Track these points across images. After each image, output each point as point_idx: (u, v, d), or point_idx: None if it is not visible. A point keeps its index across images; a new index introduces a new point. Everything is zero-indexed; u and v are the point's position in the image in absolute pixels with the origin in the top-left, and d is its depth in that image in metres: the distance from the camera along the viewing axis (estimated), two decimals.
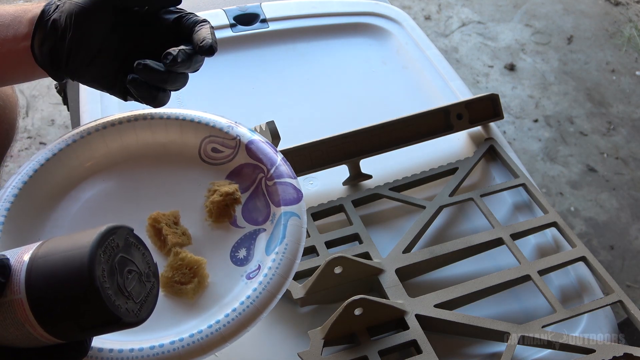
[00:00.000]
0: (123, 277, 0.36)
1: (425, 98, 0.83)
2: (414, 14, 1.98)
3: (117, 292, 0.35)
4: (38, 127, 1.53)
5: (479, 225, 0.69)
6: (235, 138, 0.58)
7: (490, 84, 1.77)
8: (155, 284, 0.39)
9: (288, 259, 0.50)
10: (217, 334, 0.46)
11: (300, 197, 0.54)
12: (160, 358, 0.44)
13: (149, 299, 0.38)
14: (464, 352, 0.59)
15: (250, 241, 0.54)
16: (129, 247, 0.38)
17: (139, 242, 0.39)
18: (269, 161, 0.56)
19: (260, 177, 0.57)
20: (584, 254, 0.63)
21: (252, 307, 0.47)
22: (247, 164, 0.57)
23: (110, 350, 0.44)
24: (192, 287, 0.50)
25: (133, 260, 0.38)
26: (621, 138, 1.65)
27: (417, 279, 0.63)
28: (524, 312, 0.62)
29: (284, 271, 0.49)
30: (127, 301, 0.36)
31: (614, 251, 1.39)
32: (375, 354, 0.53)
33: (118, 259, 0.36)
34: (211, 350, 0.45)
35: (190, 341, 0.45)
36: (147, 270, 0.39)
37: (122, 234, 0.37)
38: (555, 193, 1.50)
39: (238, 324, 0.46)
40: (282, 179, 0.55)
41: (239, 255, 0.53)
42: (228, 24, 0.87)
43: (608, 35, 1.97)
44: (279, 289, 0.48)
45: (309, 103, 0.82)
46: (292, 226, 0.52)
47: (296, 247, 0.51)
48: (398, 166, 0.73)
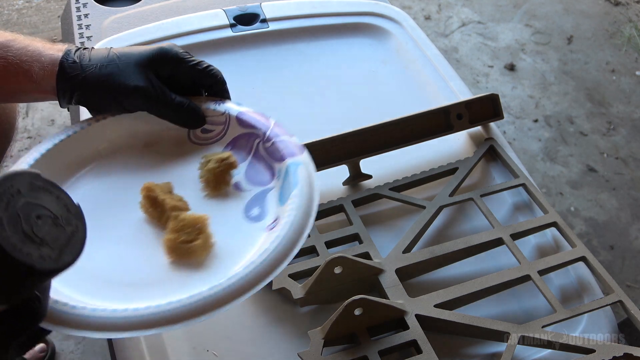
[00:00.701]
0: (30, 224, 0.34)
1: (425, 98, 0.83)
2: (414, 14, 1.98)
3: (23, 240, 0.33)
4: (38, 127, 1.53)
5: (479, 225, 0.69)
6: (224, 113, 0.57)
7: (490, 84, 1.77)
8: (79, 227, 0.37)
9: (307, 199, 0.49)
10: (256, 271, 0.44)
11: (302, 150, 0.54)
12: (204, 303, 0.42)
13: (72, 243, 0.36)
14: (464, 352, 0.59)
15: (262, 200, 0.53)
16: (36, 192, 0.35)
17: (50, 186, 0.37)
18: (263, 125, 0.56)
19: (256, 143, 0.56)
20: (584, 254, 0.63)
21: (284, 243, 0.46)
22: (241, 135, 0.57)
23: (125, 309, 0.42)
24: (200, 243, 0.48)
25: (43, 204, 0.35)
26: (621, 138, 1.65)
27: (417, 279, 0.63)
28: (524, 312, 0.62)
29: (307, 208, 0.49)
30: (39, 247, 0.34)
31: (614, 251, 1.39)
32: (375, 354, 0.53)
33: (21, 205, 0.34)
34: (252, 289, 0.44)
35: (229, 283, 0.43)
36: (66, 214, 0.37)
37: (23, 180, 0.35)
38: (555, 193, 1.50)
39: (273, 261, 0.45)
40: (279, 137, 0.55)
41: (252, 213, 0.52)
42: (228, 24, 0.87)
43: (608, 35, 1.97)
44: (305, 226, 0.48)
45: (309, 103, 0.82)
46: (302, 172, 0.52)
47: (311, 190, 0.51)
48: (398, 166, 0.73)
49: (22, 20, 1.91)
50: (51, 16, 1.93)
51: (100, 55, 0.54)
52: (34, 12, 1.94)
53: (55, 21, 1.91)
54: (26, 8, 1.95)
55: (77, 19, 0.91)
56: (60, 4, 1.96)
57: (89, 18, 0.91)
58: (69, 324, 0.41)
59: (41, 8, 1.95)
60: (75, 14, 0.92)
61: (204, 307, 0.42)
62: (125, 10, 0.92)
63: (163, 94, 0.54)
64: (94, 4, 0.93)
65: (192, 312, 0.42)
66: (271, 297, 0.60)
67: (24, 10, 1.95)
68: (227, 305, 0.43)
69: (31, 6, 1.96)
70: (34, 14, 1.93)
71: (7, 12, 1.94)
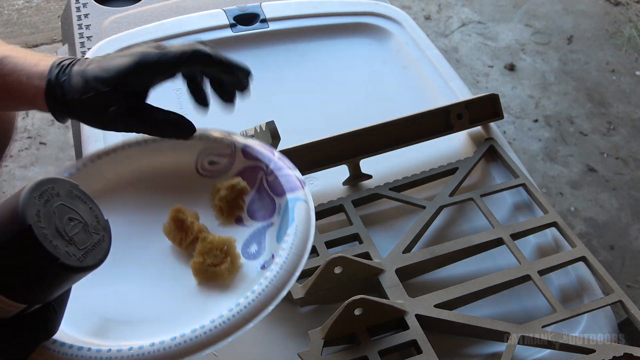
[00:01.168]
0: (63, 223, 0.36)
1: (425, 98, 0.83)
2: (414, 14, 1.98)
3: (55, 234, 0.35)
4: (38, 127, 1.53)
5: (479, 225, 0.69)
6: (230, 145, 0.58)
7: (490, 84, 1.77)
8: (105, 238, 0.39)
9: (301, 239, 0.50)
10: (239, 316, 0.45)
11: (303, 184, 0.54)
12: (186, 346, 0.43)
13: (97, 250, 0.38)
14: (464, 352, 0.59)
15: (260, 236, 0.54)
16: (72, 199, 0.38)
17: (85, 197, 0.40)
18: (266, 157, 0.57)
19: (260, 176, 0.57)
20: (584, 254, 0.63)
21: (271, 287, 0.46)
22: (246, 167, 0.57)
23: (109, 350, 0.43)
24: (227, 267, 0.50)
25: (76, 210, 0.38)
26: (621, 138, 1.65)
27: (417, 279, 0.63)
28: (524, 312, 0.62)
29: (299, 249, 0.49)
30: (67, 245, 0.36)
31: (614, 251, 1.39)
32: (375, 354, 0.53)
33: (57, 205, 0.37)
34: (233, 333, 0.44)
35: (212, 326, 0.44)
36: (95, 223, 0.39)
37: (63, 185, 0.38)
38: (555, 193, 1.50)
39: (259, 304, 0.46)
40: (281, 170, 0.56)
41: (250, 250, 0.53)
42: (228, 24, 0.87)
43: (608, 35, 1.97)
44: (295, 268, 0.48)
45: (309, 103, 0.82)
46: (299, 209, 0.52)
47: (307, 228, 0.51)
48: (398, 166, 0.73)
49: (22, 20, 1.91)
50: (51, 16, 1.93)
51: (79, 78, 0.52)
52: (34, 12, 1.94)
53: (55, 21, 1.91)
54: (26, 8, 1.95)
55: (77, 19, 0.91)
56: (60, 4, 1.96)
57: (89, 18, 0.91)
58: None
59: (41, 8, 1.95)
60: (75, 14, 0.92)
61: (186, 350, 0.43)
62: (125, 10, 0.92)
63: (140, 114, 0.53)
64: (94, 4, 0.93)
65: (173, 354, 0.43)
66: None
67: (24, 10, 1.95)
68: (208, 348, 0.44)
69: (31, 6, 1.96)
70: (34, 14, 1.93)
71: (7, 12, 1.94)
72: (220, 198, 0.55)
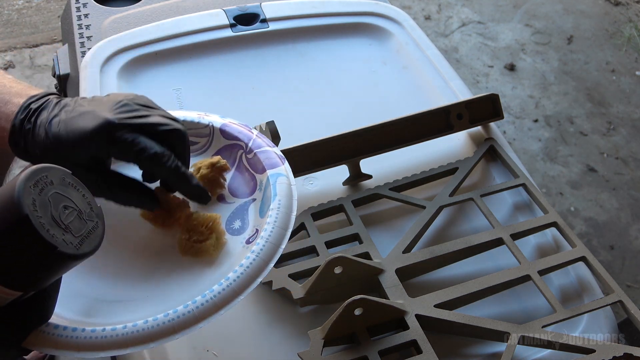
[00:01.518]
0: (58, 211, 0.37)
1: (425, 98, 0.83)
2: (414, 14, 1.98)
3: (51, 223, 0.36)
4: None
5: (479, 225, 0.69)
6: (208, 125, 0.59)
7: (490, 84, 1.77)
8: (99, 224, 0.40)
9: (284, 212, 0.50)
10: (229, 289, 0.45)
11: (283, 160, 0.55)
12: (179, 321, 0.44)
13: (92, 237, 0.39)
14: (464, 352, 0.59)
15: (243, 212, 0.54)
16: (66, 187, 0.39)
17: (78, 184, 0.40)
18: (245, 136, 0.58)
19: (240, 154, 0.58)
20: (584, 254, 0.63)
21: (259, 260, 0.47)
22: (225, 146, 0.58)
23: (103, 329, 0.43)
24: (212, 243, 0.50)
25: (70, 198, 0.38)
26: (621, 138, 1.65)
27: (417, 279, 0.63)
28: (524, 312, 0.62)
29: (283, 222, 0.50)
30: (64, 233, 0.36)
31: (614, 251, 1.39)
32: (375, 354, 0.53)
33: (52, 194, 0.37)
34: (224, 307, 0.45)
35: (204, 301, 0.45)
36: (89, 210, 0.40)
37: (56, 173, 0.38)
38: (555, 193, 1.50)
39: (247, 278, 0.46)
40: (261, 148, 0.56)
41: (234, 226, 0.54)
42: (228, 24, 0.87)
43: (608, 35, 1.97)
44: (281, 240, 0.49)
45: (309, 103, 0.82)
46: (281, 184, 0.53)
47: (289, 202, 0.51)
48: (398, 166, 0.73)
49: (22, 20, 1.91)
50: (51, 16, 1.93)
51: (42, 131, 0.48)
52: (34, 12, 1.94)
53: (55, 21, 1.91)
54: (26, 8, 1.95)
55: (77, 19, 0.91)
56: (60, 4, 1.96)
57: (89, 18, 0.91)
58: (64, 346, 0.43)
59: (41, 8, 1.95)
60: (75, 14, 0.92)
61: (180, 325, 0.43)
62: (125, 10, 0.92)
63: (101, 180, 0.49)
64: (94, 4, 0.93)
65: (167, 330, 0.43)
66: (271, 297, 0.60)
67: (24, 10, 1.95)
68: (201, 322, 0.44)
69: (31, 6, 1.96)
70: (34, 14, 1.93)
71: (7, 12, 1.94)
72: (201, 176, 0.55)
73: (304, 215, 0.65)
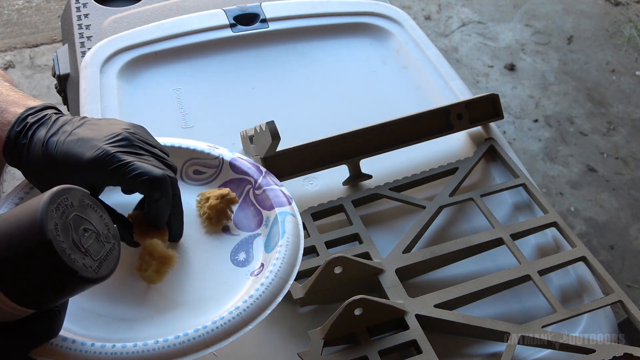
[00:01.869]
0: (79, 234, 0.37)
1: (425, 98, 0.83)
2: (414, 14, 1.99)
3: (72, 247, 0.36)
4: None
5: (479, 225, 0.69)
6: (218, 157, 0.61)
7: (490, 84, 1.77)
8: (115, 246, 0.40)
9: (292, 250, 0.53)
10: (239, 318, 0.47)
11: (290, 201, 0.58)
12: (189, 345, 0.44)
13: (109, 259, 0.39)
14: (464, 352, 0.59)
15: (248, 245, 0.56)
16: (85, 208, 0.39)
17: (96, 205, 0.40)
18: (255, 173, 0.60)
19: (247, 189, 0.60)
20: (584, 254, 0.63)
21: (268, 292, 0.49)
22: (232, 179, 0.60)
23: (113, 346, 0.44)
24: (153, 269, 0.50)
25: (89, 220, 0.39)
26: (621, 138, 1.65)
27: (417, 279, 0.63)
28: (524, 312, 0.62)
29: (291, 259, 0.52)
30: (84, 257, 0.37)
31: (614, 251, 1.39)
32: (375, 354, 0.53)
33: (72, 217, 0.37)
34: (234, 334, 0.46)
35: (214, 327, 0.46)
36: (106, 232, 0.40)
37: (76, 195, 0.38)
38: (555, 193, 1.50)
39: (256, 308, 0.48)
40: (270, 186, 0.59)
41: (239, 257, 0.55)
42: (228, 24, 0.87)
43: (608, 35, 1.97)
44: (289, 276, 0.51)
45: (309, 103, 0.82)
46: (289, 223, 0.55)
47: (297, 241, 0.54)
48: (398, 166, 0.73)
49: (22, 20, 1.91)
50: (51, 16, 1.93)
51: (38, 148, 0.47)
52: (34, 12, 1.94)
53: (55, 21, 1.91)
54: (26, 8, 1.95)
55: (77, 19, 0.91)
56: (60, 4, 1.96)
57: (89, 18, 0.91)
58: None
59: (41, 8, 1.95)
60: (75, 14, 0.92)
61: (190, 348, 0.44)
62: (125, 10, 0.92)
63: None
64: (94, 4, 0.93)
65: (177, 352, 0.44)
66: None
67: (24, 10, 1.95)
68: (211, 347, 0.45)
69: (31, 6, 1.96)
70: (34, 14, 1.93)
71: (7, 12, 1.94)
72: (210, 206, 0.56)
73: (304, 215, 0.65)
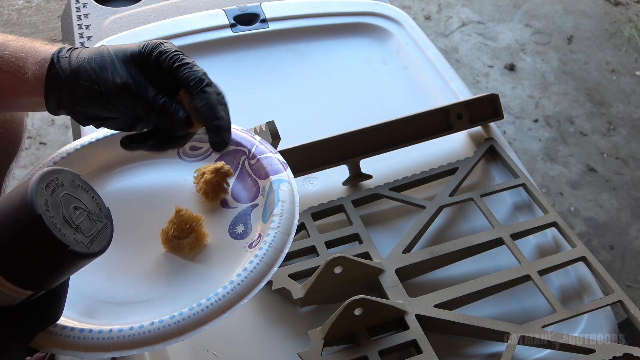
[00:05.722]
0: (69, 211, 0.38)
1: (425, 98, 0.83)
2: (414, 14, 1.98)
3: (63, 223, 0.37)
4: (38, 127, 1.53)
5: (479, 225, 0.69)
6: None
7: (490, 84, 1.77)
8: (107, 225, 0.41)
9: (287, 218, 0.51)
10: (234, 293, 0.46)
11: (285, 167, 0.56)
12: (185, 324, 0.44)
13: (101, 236, 0.40)
14: (464, 352, 0.59)
15: (246, 217, 0.55)
16: (76, 188, 0.40)
17: (87, 186, 0.41)
18: (248, 142, 0.59)
19: (242, 160, 0.59)
20: (584, 254, 0.63)
21: (262, 264, 0.48)
22: (227, 152, 0.59)
23: (110, 330, 0.44)
24: (189, 242, 0.51)
25: (80, 199, 0.40)
26: (621, 138, 1.65)
27: (417, 279, 0.63)
28: (524, 312, 0.62)
29: (286, 228, 0.51)
30: (75, 232, 0.37)
31: (614, 251, 1.39)
32: (375, 354, 0.53)
33: (63, 195, 0.38)
34: (229, 309, 0.46)
35: (209, 304, 0.45)
36: (98, 211, 0.41)
37: (66, 176, 0.39)
38: (555, 193, 1.50)
39: (251, 281, 0.47)
40: (264, 154, 0.57)
41: (237, 230, 0.54)
42: (228, 24, 0.87)
43: (608, 35, 1.97)
44: (283, 245, 0.50)
45: (309, 103, 0.82)
46: (284, 190, 0.54)
47: (292, 207, 0.53)
48: (398, 166, 0.73)
49: (22, 20, 1.91)
50: (51, 16, 1.92)
51: (91, 51, 0.51)
52: (34, 12, 1.94)
53: (55, 21, 1.91)
54: (26, 8, 1.95)
55: (77, 19, 0.91)
56: (60, 4, 1.96)
57: (89, 18, 0.91)
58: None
59: (41, 8, 1.95)
60: (75, 14, 0.92)
61: (185, 327, 0.44)
62: (125, 10, 0.92)
63: (145, 92, 0.50)
64: (94, 4, 0.93)
65: (173, 332, 0.44)
66: (271, 297, 0.60)
67: (24, 10, 1.95)
68: (206, 324, 0.45)
69: (31, 6, 1.96)
70: (34, 14, 1.93)
71: (7, 12, 1.94)
72: (205, 181, 0.56)
73: (304, 215, 0.65)
